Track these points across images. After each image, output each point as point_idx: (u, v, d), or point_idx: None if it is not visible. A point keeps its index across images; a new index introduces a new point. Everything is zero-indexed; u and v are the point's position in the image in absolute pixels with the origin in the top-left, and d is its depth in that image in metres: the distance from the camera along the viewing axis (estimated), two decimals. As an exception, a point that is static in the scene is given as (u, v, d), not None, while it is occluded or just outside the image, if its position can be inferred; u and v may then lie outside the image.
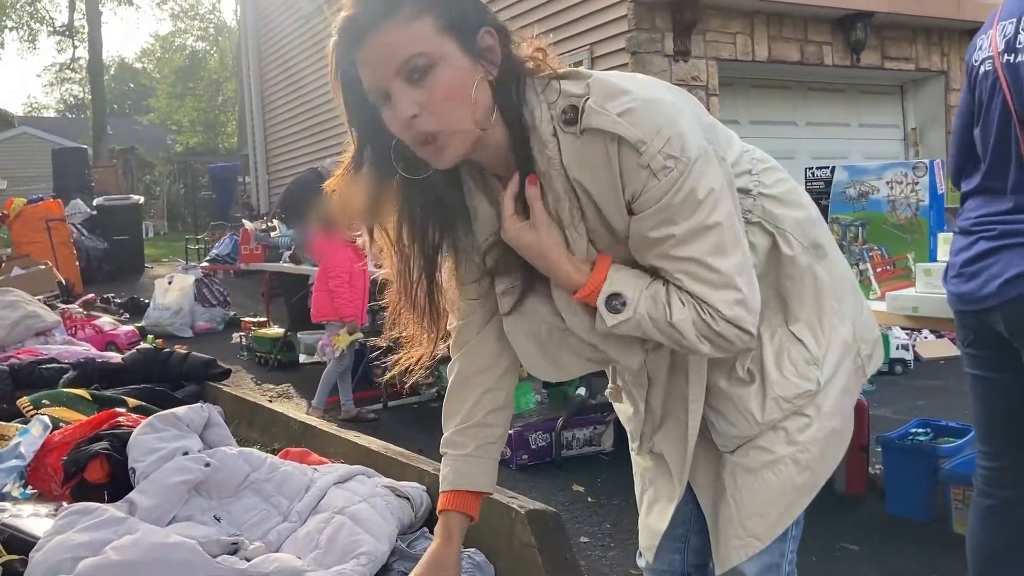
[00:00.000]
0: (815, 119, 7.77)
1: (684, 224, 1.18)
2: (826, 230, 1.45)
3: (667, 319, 1.21)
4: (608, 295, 1.23)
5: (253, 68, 14.16)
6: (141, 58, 44.69)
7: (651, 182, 1.16)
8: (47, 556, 1.54)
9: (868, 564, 2.91)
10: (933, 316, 2.35)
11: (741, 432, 1.40)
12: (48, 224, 10.30)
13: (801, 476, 1.39)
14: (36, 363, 3.42)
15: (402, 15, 1.14)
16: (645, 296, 1.22)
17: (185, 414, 2.07)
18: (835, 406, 1.39)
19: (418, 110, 1.16)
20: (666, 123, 1.16)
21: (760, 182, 1.35)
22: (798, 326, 1.38)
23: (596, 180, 1.21)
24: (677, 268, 1.20)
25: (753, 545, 1.41)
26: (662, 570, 1.61)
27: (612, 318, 1.23)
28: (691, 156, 1.16)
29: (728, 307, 1.20)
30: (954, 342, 6.41)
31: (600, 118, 1.17)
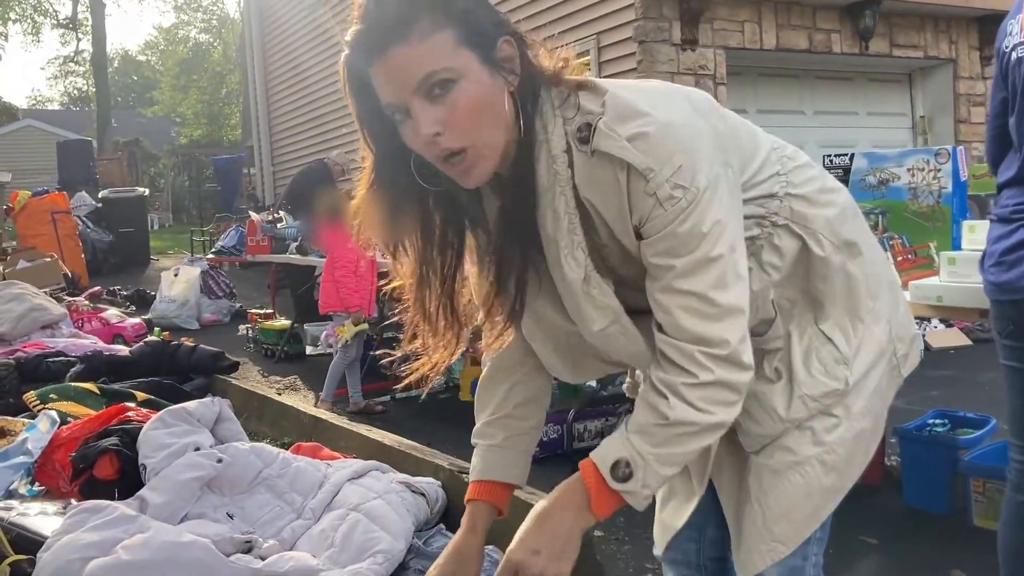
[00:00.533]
0: (823, 108, 7.71)
1: (687, 257, 1.14)
2: (861, 225, 1.40)
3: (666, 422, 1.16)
4: (609, 472, 1.17)
5: (257, 59, 14.11)
6: (144, 51, 44.66)
7: (656, 210, 1.13)
8: (56, 556, 1.50)
9: (887, 557, 2.87)
10: (958, 306, 2.30)
11: (765, 430, 1.36)
12: (53, 216, 10.27)
13: (828, 478, 1.35)
14: (43, 356, 3.39)
15: (420, 29, 1.10)
16: (632, 437, 1.17)
17: (196, 409, 2.04)
18: (866, 407, 1.35)
19: (440, 128, 1.12)
20: (678, 150, 1.12)
21: (789, 182, 1.31)
22: (828, 325, 1.35)
23: (606, 202, 1.17)
24: (677, 302, 1.16)
25: (778, 551, 1.37)
26: (677, 560, 1.59)
27: (633, 484, 1.16)
28: (700, 187, 1.12)
29: (732, 337, 1.15)
30: (964, 331, 6.37)
31: (609, 142, 1.13)
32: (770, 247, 1.32)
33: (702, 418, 1.16)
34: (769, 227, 1.30)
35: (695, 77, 6.54)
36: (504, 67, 1.15)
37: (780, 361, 1.35)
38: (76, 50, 36.89)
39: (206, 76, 34.38)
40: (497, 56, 1.14)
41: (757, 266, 1.31)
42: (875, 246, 1.44)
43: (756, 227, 1.30)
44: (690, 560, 1.57)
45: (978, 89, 7.74)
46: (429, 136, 1.11)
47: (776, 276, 1.32)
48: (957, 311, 2.39)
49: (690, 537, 1.55)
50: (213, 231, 13.18)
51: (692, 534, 1.55)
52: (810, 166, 1.37)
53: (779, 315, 1.34)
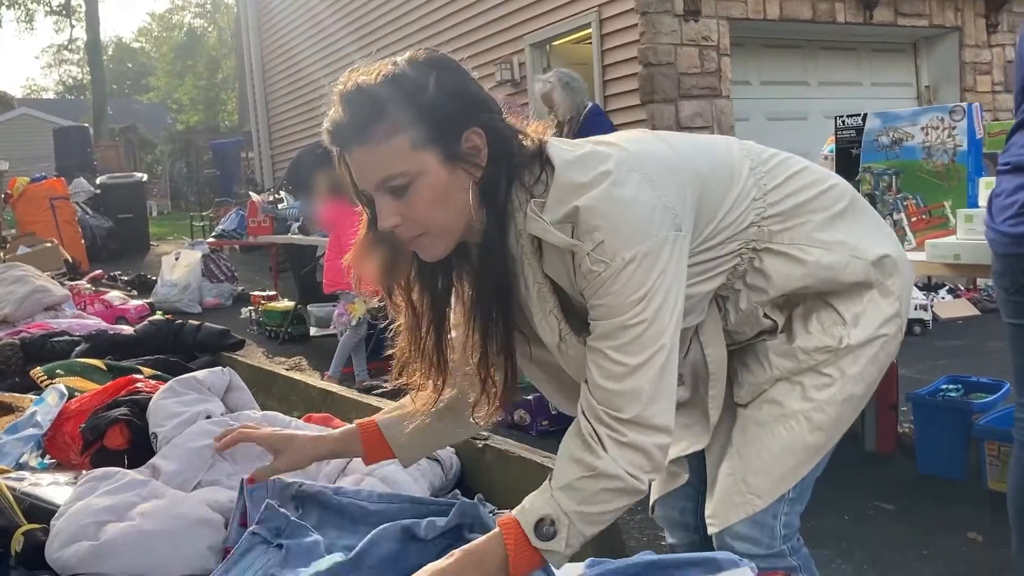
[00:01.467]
0: (827, 78, 7.65)
1: (607, 320, 1.17)
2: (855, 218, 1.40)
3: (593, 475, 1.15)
4: (532, 530, 1.15)
5: (253, 43, 14.01)
6: (139, 37, 44.46)
7: (583, 282, 1.18)
8: (70, 522, 1.48)
9: (902, 523, 2.86)
10: (975, 263, 2.27)
11: (757, 379, 1.40)
12: (52, 203, 10.23)
13: (813, 436, 1.37)
14: (47, 336, 3.35)
15: (378, 135, 1.16)
16: (556, 493, 1.17)
17: (206, 377, 2.01)
18: (861, 373, 1.38)
19: (399, 220, 1.20)
20: (605, 226, 1.15)
21: (767, 203, 1.34)
22: (833, 297, 1.37)
23: (559, 273, 1.22)
24: (593, 359, 1.19)
25: (753, 504, 1.38)
26: (673, 518, 1.59)
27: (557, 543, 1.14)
28: (623, 259, 1.15)
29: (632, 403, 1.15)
30: (972, 302, 6.34)
31: (534, 225, 1.18)
32: (753, 271, 1.35)
33: (624, 475, 1.15)
34: (749, 254, 1.34)
35: (698, 48, 6.49)
36: (468, 160, 1.19)
37: (781, 321, 1.39)
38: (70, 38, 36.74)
39: (201, 62, 34.24)
40: (462, 149, 1.19)
41: (744, 287, 1.36)
42: (879, 228, 1.44)
43: (734, 258, 1.34)
44: (687, 521, 1.56)
45: (984, 57, 7.67)
46: (388, 227, 1.21)
47: (766, 296, 1.36)
48: (975, 268, 2.36)
49: (687, 496, 1.55)
50: (213, 216, 13.13)
51: (689, 492, 1.54)
52: (794, 179, 1.38)
53: (779, 316, 1.38)
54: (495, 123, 1.22)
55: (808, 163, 1.43)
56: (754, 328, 1.38)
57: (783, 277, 1.34)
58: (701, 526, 1.51)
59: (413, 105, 1.16)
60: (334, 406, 2.61)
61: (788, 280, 1.34)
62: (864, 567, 2.57)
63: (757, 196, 1.33)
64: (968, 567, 2.55)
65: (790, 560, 1.42)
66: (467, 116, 1.19)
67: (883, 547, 2.70)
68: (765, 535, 1.38)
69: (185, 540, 1.50)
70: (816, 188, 1.38)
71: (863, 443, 3.40)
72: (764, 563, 1.37)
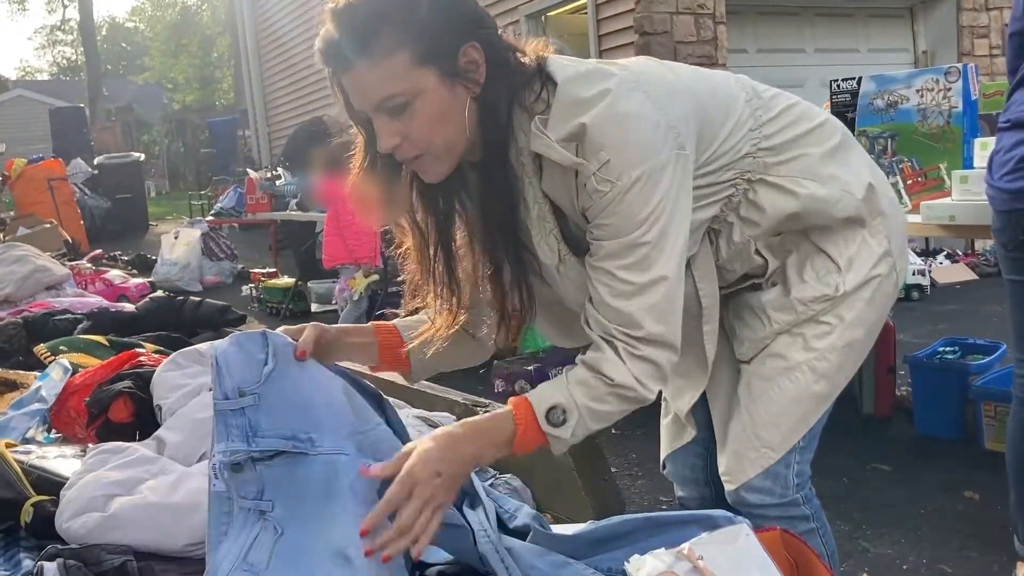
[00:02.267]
0: (823, 45, 7.60)
1: (614, 240, 1.18)
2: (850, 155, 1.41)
3: (607, 384, 1.20)
4: (544, 415, 1.19)
5: (247, 21, 13.93)
6: (132, 16, 44.13)
7: (588, 201, 1.18)
8: (80, 493, 1.50)
9: (901, 484, 2.89)
10: (971, 224, 2.28)
11: (756, 333, 1.41)
12: (50, 184, 10.21)
13: (818, 385, 1.39)
14: (49, 315, 3.37)
15: (375, 54, 1.14)
16: (573, 386, 1.20)
17: (208, 349, 2.03)
18: (859, 317, 1.39)
19: (399, 140, 1.19)
20: (610, 144, 1.15)
21: (762, 135, 1.34)
22: (823, 240, 1.38)
23: (559, 193, 1.22)
24: (599, 279, 1.20)
25: (768, 456, 1.40)
26: (684, 474, 1.61)
27: (564, 430, 1.19)
28: (629, 179, 1.15)
29: (644, 318, 1.19)
30: (970, 266, 6.35)
31: (537, 142, 1.18)
32: (747, 203, 1.35)
33: (636, 385, 1.19)
34: (744, 184, 1.34)
35: (693, 16, 6.45)
36: (466, 76, 1.19)
37: (776, 275, 1.40)
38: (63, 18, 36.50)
39: (196, 40, 34.01)
40: (460, 64, 1.18)
41: (738, 220, 1.36)
42: (870, 169, 1.45)
43: (729, 188, 1.34)
44: (698, 477, 1.59)
45: (982, 21, 7.62)
46: (388, 148, 1.19)
47: (758, 229, 1.36)
48: (970, 229, 2.37)
49: (696, 453, 1.57)
50: (211, 194, 13.12)
51: (699, 450, 1.57)
52: (787, 112, 1.39)
53: (770, 256, 1.38)
54: (492, 38, 1.21)
55: (800, 99, 1.43)
56: (744, 265, 1.39)
57: (776, 209, 1.34)
58: (712, 481, 1.55)
59: (409, 21, 1.14)
60: (336, 378, 2.62)
61: (781, 213, 1.34)
62: (863, 527, 2.61)
63: (753, 127, 1.34)
64: (965, 525, 2.58)
65: (803, 508, 1.45)
66: (463, 31, 1.18)
67: (881, 507, 2.73)
68: (779, 485, 1.41)
69: (191, 512, 1.52)
70: (809, 123, 1.39)
71: (861, 406, 3.42)
72: (778, 511, 1.41)
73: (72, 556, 1.38)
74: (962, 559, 2.40)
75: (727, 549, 1.16)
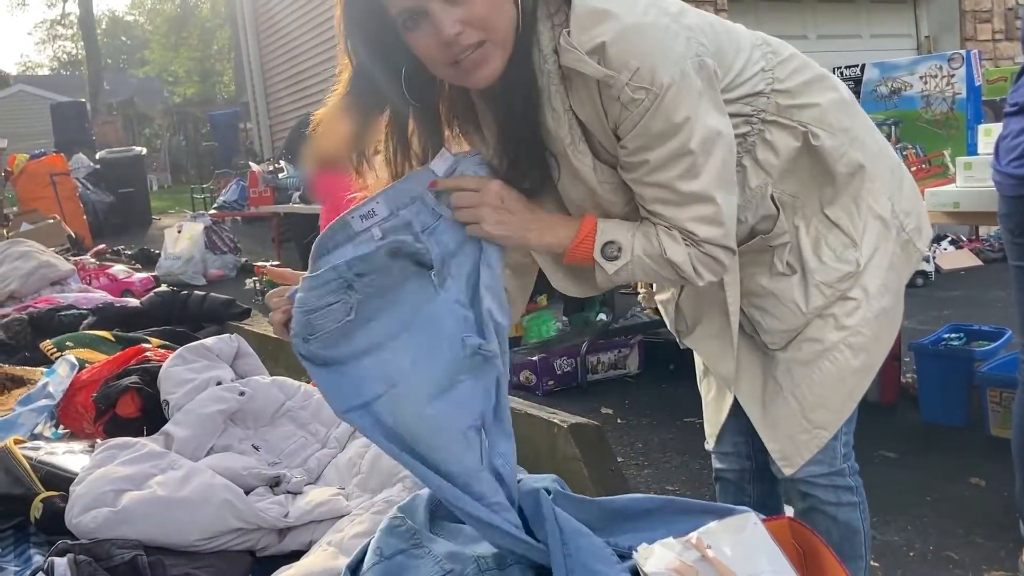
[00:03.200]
0: (826, 32, 7.59)
1: (657, 151, 1.18)
2: (856, 111, 1.42)
3: (663, 255, 1.22)
4: (602, 244, 1.24)
5: (247, 13, 13.88)
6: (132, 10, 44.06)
7: (624, 113, 1.17)
8: (89, 488, 1.51)
9: (906, 470, 2.89)
10: (976, 210, 2.28)
11: (788, 325, 1.40)
12: (53, 179, 10.19)
13: (857, 359, 1.39)
14: (55, 310, 3.39)
15: None
16: (638, 237, 1.23)
17: (215, 344, 2.03)
18: (883, 284, 1.39)
19: (461, 28, 1.14)
20: (637, 53, 1.14)
21: (775, 77, 1.33)
22: (833, 210, 1.38)
23: (584, 108, 1.21)
24: (651, 194, 1.21)
25: (821, 436, 1.41)
26: (727, 452, 1.64)
27: (611, 265, 1.24)
28: (663, 84, 1.14)
29: (699, 226, 1.21)
30: (974, 252, 6.34)
31: (568, 56, 1.16)
32: (763, 143, 1.34)
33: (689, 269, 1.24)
34: (759, 123, 1.33)
35: (696, 4, 6.42)
36: None
37: (791, 255, 1.38)
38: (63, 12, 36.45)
39: (196, 33, 33.93)
40: None
41: (753, 163, 1.35)
42: (872, 130, 1.46)
43: (745, 125, 1.33)
44: (740, 451, 1.61)
45: (984, 5, 7.59)
46: (451, 36, 1.13)
47: (774, 172, 1.35)
48: (975, 216, 2.37)
49: (739, 430, 1.59)
50: (214, 188, 13.11)
51: (741, 427, 1.58)
52: (794, 57, 1.39)
53: (782, 210, 1.37)
54: None
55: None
56: (756, 213, 1.38)
57: (789, 151, 1.34)
58: (754, 454, 1.58)
59: None
60: (342, 371, 2.63)
61: (792, 155, 1.35)
62: (869, 514, 2.61)
63: (766, 68, 1.33)
64: (971, 511, 2.58)
65: (848, 480, 1.48)
66: None
67: (887, 494, 2.73)
68: (828, 456, 1.44)
69: (200, 506, 1.53)
70: (813, 71, 1.39)
71: (867, 394, 3.42)
72: (825, 480, 1.45)
73: (82, 551, 1.40)
74: (968, 545, 2.40)
75: (735, 538, 1.17)
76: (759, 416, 1.46)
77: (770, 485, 1.62)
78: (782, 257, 1.38)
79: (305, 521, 1.57)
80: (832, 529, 1.49)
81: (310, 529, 1.55)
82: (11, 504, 1.59)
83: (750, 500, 1.62)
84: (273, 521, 1.55)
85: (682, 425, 3.36)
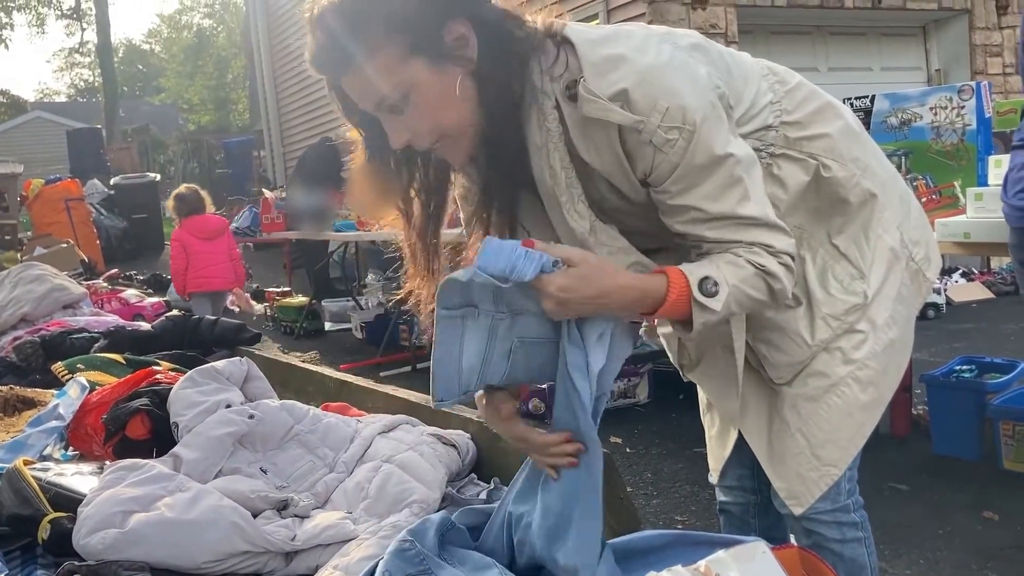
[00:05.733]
0: (837, 64, 7.62)
1: (708, 184, 1.16)
2: (864, 139, 1.42)
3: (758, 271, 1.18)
4: (697, 285, 1.16)
5: (262, 42, 14.04)
6: (148, 39, 44.62)
7: (659, 156, 1.15)
8: (97, 510, 1.51)
9: (917, 503, 2.87)
10: (986, 241, 2.28)
11: (793, 358, 1.37)
12: (67, 204, 10.30)
13: (865, 393, 1.37)
14: (66, 333, 3.39)
15: (361, 55, 1.14)
16: (721, 266, 1.18)
17: (225, 367, 2.03)
18: (891, 317, 1.37)
19: (409, 135, 1.18)
20: (663, 94, 1.13)
21: (783, 109, 1.33)
22: (842, 240, 1.36)
23: (602, 158, 1.19)
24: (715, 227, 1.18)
25: (831, 474, 1.38)
26: (732, 486, 1.61)
27: (714, 302, 1.15)
28: (696, 121, 1.13)
29: (774, 238, 1.19)
30: (986, 285, 6.32)
31: (592, 106, 1.14)
32: (771, 178, 1.33)
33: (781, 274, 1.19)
34: (767, 158, 1.32)
35: (706, 36, 6.47)
36: (456, 54, 1.16)
37: (796, 286, 1.35)
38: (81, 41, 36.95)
39: (211, 62, 34.33)
40: (447, 43, 1.15)
41: None
42: (881, 157, 1.45)
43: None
44: (744, 485, 1.59)
45: (995, 39, 7.62)
46: (401, 145, 1.19)
47: (781, 206, 1.33)
48: (985, 247, 2.36)
49: (743, 464, 1.57)
50: (226, 214, 13.17)
51: (745, 460, 1.56)
52: (801, 86, 1.38)
53: None
54: (479, 8, 1.18)
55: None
56: None
57: (798, 184, 1.33)
58: (759, 487, 1.56)
59: (389, 12, 1.12)
60: (351, 395, 2.63)
61: (801, 189, 1.34)
62: (880, 546, 2.57)
63: (774, 100, 1.32)
64: (984, 545, 2.56)
65: (852, 516, 1.44)
66: (446, 9, 1.15)
67: (899, 527, 2.71)
68: (832, 492, 1.40)
69: (208, 529, 1.53)
70: (821, 100, 1.38)
71: (878, 425, 3.40)
72: (829, 516, 1.42)
73: (89, 573, 1.39)
74: (981, 580, 2.38)
75: (744, 567, 1.16)
76: (765, 454, 1.43)
77: (775, 518, 1.60)
78: None
79: (312, 545, 1.56)
80: (838, 566, 1.45)
81: (317, 553, 1.54)
82: (19, 525, 1.59)
83: (755, 533, 1.59)
84: (280, 544, 1.54)
85: (692, 455, 3.34)
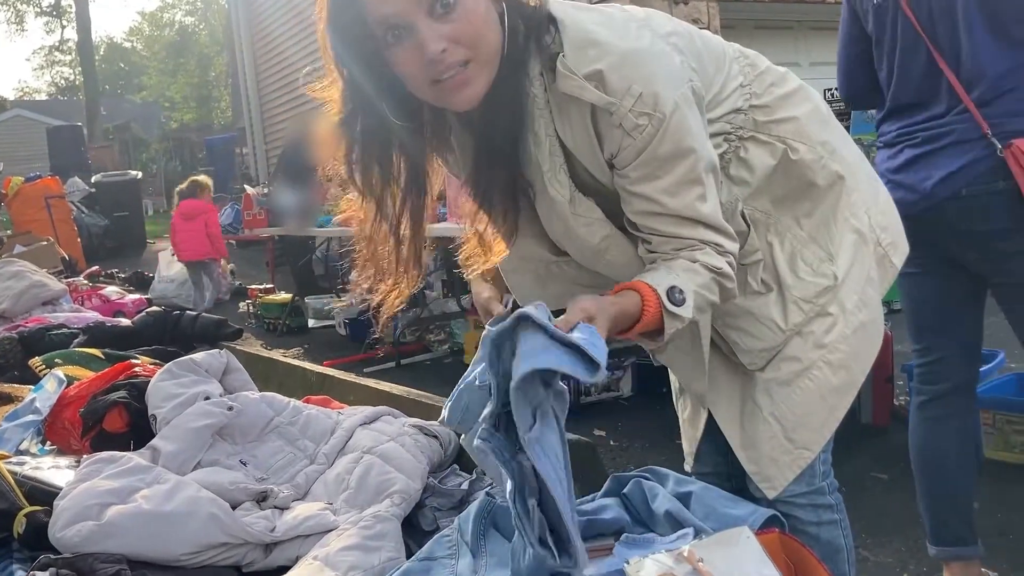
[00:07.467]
0: (819, 59, 7.63)
1: (669, 178, 1.17)
2: (832, 122, 1.42)
3: (711, 273, 1.19)
4: (665, 296, 1.15)
5: (244, 40, 13.97)
6: (130, 37, 44.32)
7: (626, 140, 1.15)
8: (74, 502, 1.49)
9: (898, 491, 2.88)
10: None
11: (767, 343, 1.38)
12: (48, 201, 10.22)
13: (837, 377, 1.37)
14: (45, 329, 3.36)
15: None
16: (678, 273, 1.18)
17: (203, 359, 2.01)
18: (860, 300, 1.38)
19: (447, 44, 1.11)
20: (637, 79, 1.13)
21: (753, 93, 1.33)
22: (810, 223, 1.37)
23: (575, 136, 1.19)
24: (669, 222, 1.19)
25: (804, 456, 1.39)
26: (707, 472, 1.60)
27: (683, 310, 1.15)
28: (666, 110, 1.13)
29: (724, 240, 1.21)
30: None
31: (568, 83, 1.14)
32: (737, 160, 1.34)
33: (730, 271, 1.21)
34: (736, 141, 1.33)
35: (688, 31, 6.50)
36: None
37: (765, 272, 1.36)
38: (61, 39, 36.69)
39: (193, 59, 34.15)
40: None
41: (726, 179, 1.33)
42: (848, 141, 1.46)
43: (724, 143, 1.32)
44: (720, 471, 1.59)
45: (973, 34, 7.67)
46: (436, 52, 1.10)
47: (747, 189, 1.34)
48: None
49: (718, 451, 1.57)
50: (209, 210, 13.10)
51: (720, 447, 1.56)
52: (770, 71, 1.39)
53: (753, 228, 1.36)
54: None
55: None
56: None
57: (765, 167, 1.34)
58: (733, 474, 1.54)
59: None
60: (332, 388, 2.62)
61: (768, 171, 1.34)
62: (863, 535, 2.60)
63: (744, 83, 1.33)
64: (965, 533, 2.57)
65: (827, 498, 1.45)
66: None
67: (880, 516, 2.73)
68: (807, 475, 1.41)
69: (185, 520, 1.51)
70: (792, 83, 1.39)
71: (859, 416, 3.42)
72: (805, 499, 1.42)
73: (65, 565, 1.37)
74: (962, 567, 2.38)
75: (727, 551, 1.16)
76: (738, 439, 1.43)
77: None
78: (756, 275, 1.36)
79: (292, 536, 1.55)
80: (814, 548, 1.45)
81: (296, 544, 1.53)
82: (-6, 519, 1.57)
83: None
84: (260, 536, 1.53)
85: (675, 447, 3.32)
